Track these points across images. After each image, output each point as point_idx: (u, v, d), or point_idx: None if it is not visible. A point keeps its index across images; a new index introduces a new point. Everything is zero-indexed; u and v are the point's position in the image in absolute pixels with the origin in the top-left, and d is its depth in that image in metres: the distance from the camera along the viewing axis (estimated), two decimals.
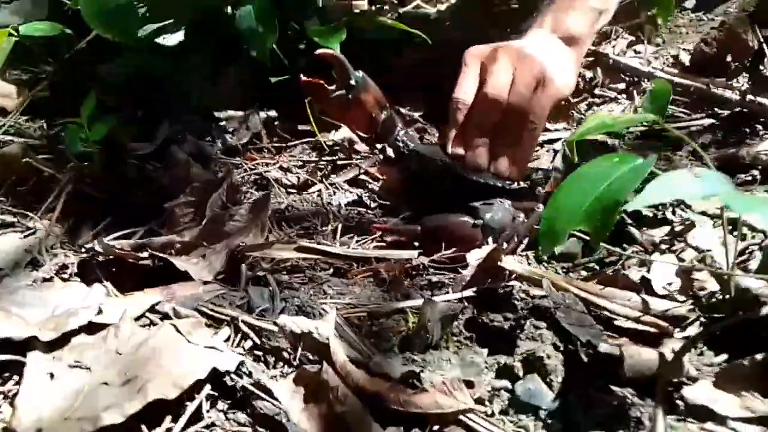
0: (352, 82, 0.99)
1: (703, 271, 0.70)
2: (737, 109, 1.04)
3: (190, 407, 0.53)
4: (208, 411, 0.55)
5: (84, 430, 0.48)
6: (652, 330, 0.64)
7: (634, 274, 0.74)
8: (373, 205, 1.00)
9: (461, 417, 0.51)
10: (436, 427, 0.51)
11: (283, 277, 0.77)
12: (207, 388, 0.55)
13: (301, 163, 1.11)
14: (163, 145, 1.07)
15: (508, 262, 0.76)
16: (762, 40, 1.05)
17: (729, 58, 1.11)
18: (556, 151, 1.11)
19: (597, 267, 0.80)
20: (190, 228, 0.78)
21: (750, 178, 0.90)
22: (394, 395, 0.51)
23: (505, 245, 0.83)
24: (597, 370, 0.56)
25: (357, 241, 0.87)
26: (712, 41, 1.12)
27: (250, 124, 1.20)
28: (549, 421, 0.53)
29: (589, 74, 1.29)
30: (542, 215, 0.61)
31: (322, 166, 1.11)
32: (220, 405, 0.56)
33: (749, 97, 1.02)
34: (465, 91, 0.91)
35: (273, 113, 1.27)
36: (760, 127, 1.00)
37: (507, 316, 0.68)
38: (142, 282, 0.73)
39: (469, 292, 0.72)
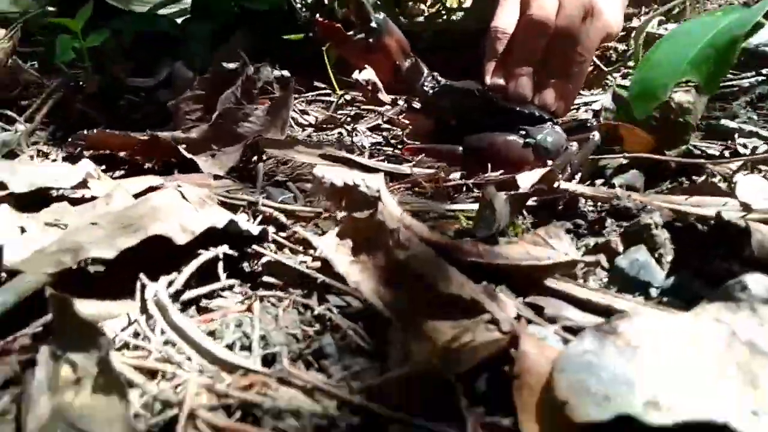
0: (373, 24, 0.90)
1: None
2: None
3: (203, 257, 0.40)
4: (227, 274, 0.42)
5: (61, 262, 0.35)
6: None
7: None
8: (400, 147, 0.90)
9: (559, 283, 0.39)
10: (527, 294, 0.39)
11: (307, 186, 0.66)
12: (225, 248, 0.43)
13: (318, 109, 1.01)
14: (167, 80, 0.97)
15: (568, 185, 0.66)
16: None
17: None
18: (595, 111, 1.03)
19: None
20: (198, 126, 0.66)
21: None
22: (470, 246, 0.39)
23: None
24: (716, 244, 0.44)
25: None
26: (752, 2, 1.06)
27: (261, 75, 1.10)
28: (665, 300, 0.41)
29: (621, 47, 1.22)
30: (632, 79, 0.51)
31: (341, 117, 1.01)
32: (240, 269, 0.43)
33: None
34: (505, 19, 0.83)
35: (286, 73, 1.18)
36: None
37: (578, 223, 0.57)
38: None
39: (530, 202, 0.61)
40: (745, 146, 0.77)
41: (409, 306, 0.35)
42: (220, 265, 0.42)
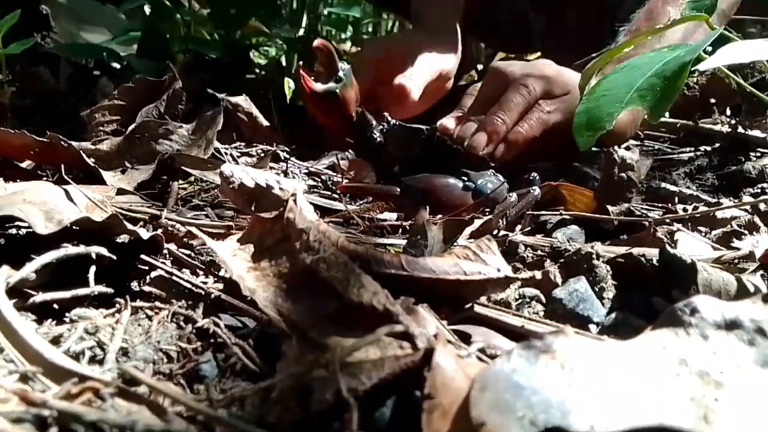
0: (341, 74, 0.88)
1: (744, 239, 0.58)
2: (723, 144, 1.00)
3: (64, 251, 0.33)
4: (104, 283, 0.35)
5: None
6: None
7: None
8: (339, 192, 0.85)
9: (489, 310, 0.34)
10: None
11: (227, 213, 0.60)
12: (100, 249, 0.36)
13: (254, 153, 0.96)
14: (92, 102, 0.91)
15: (510, 233, 0.62)
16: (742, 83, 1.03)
17: (712, 100, 1.09)
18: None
19: None
20: (110, 139, 0.60)
21: (759, 190, 0.82)
22: (392, 257, 0.34)
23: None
24: (660, 282, 0.41)
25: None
26: (694, 85, 1.11)
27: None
28: (605, 338, 0.36)
29: None
30: (577, 111, 0.49)
31: (280, 154, 0.96)
32: (119, 278, 0.36)
33: (740, 129, 0.98)
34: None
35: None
36: (753, 154, 0.95)
37: (516, 266, 0.53)
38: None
39: (465, 243, 0.57)
40: (685, 209, 0.76)
41: (310, 317, 0.29)
42: (92, 269, 0.35)
